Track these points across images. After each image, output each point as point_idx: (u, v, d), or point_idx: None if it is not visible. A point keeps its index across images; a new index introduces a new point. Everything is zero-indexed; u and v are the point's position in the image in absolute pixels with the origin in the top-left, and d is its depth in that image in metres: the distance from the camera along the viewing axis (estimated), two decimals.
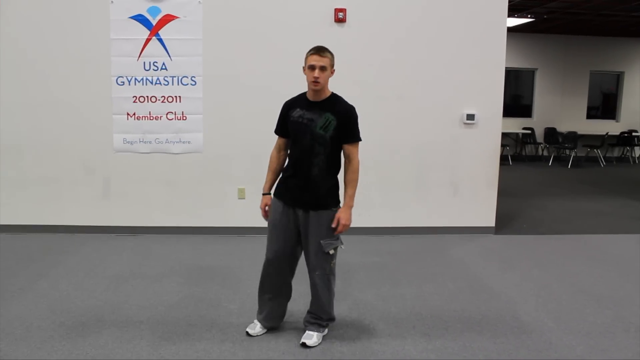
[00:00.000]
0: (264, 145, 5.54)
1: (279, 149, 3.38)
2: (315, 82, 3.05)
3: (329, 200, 3.16)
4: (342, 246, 3.23)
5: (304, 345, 3.22)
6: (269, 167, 3.38)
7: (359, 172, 3.17)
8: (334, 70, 3.17)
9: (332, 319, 3.38)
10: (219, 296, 4.02)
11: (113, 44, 5.44)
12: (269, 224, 3.31)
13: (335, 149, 3.15)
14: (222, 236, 5.67)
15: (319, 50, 3.09)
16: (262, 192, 3.38)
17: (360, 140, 3.20)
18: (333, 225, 3.10)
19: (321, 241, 3.13)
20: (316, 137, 3.10)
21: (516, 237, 5.95)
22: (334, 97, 3.21)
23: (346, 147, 3.15)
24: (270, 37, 5.51)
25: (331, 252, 3.16)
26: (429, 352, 3.19)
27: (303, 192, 3.16)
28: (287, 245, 3.24)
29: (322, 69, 3.06)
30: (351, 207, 3.13)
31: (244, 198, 5.69)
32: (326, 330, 3.37)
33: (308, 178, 3.14)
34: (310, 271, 3.24)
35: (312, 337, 3.26)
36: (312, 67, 3.05)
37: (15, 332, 3.34)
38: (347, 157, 3.17)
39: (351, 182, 3.14)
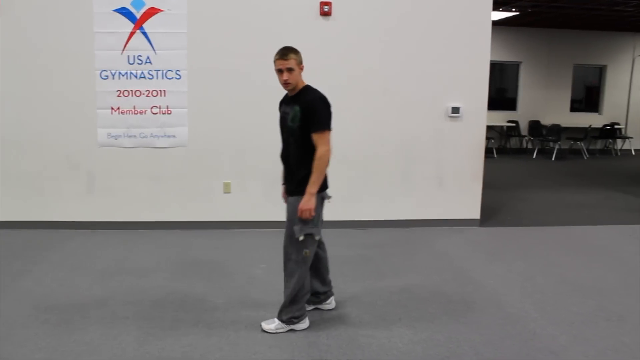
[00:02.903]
0: (249, 139, 5.57)
1: None
2: (285, 84, 3.20)
3: (303, 187, 3.19)
4: (316, 237, 3.25)
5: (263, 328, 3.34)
6: None
7: (329, 160, 3.19)
8: (302, 66, 3.25)
9: (291, 317, 3.33)
10: (205, 291, 4.01)
11: (96, 37, 5.38)
12: None
13: (306, 140, 3.18)
14: (208, 230, 5.65)
15: (283, 55, 3.16)
16: None
17: (326, 129, 3.17)
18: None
19: (294, 227, 3.20)
20: (288, 130, 3.25)
21: (501, 229, 6.00)
22: (305, 89, 3.27)
23: (312, 136, 3.17)
24: (255, 32, 5.48)
25: (301, 238, 3.19)
26: (415, 344, 3.21)
27: (287, 180, 3.36)
28: None
29: (289, 70, 3.16)
30: (311, 193, 3.14)
31: (229, 192, 5.68)
32: (300, 325, 3.36)
33: (288, 167, 3.33)
34: (284, 256, 3.32)
35: (270, 323, 3.35)
36: (279, 71, 3.18)
37: None
38: (315, 146, 3.18)
39: (314, 169, 3.15)
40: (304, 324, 3.38)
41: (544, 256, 5.01)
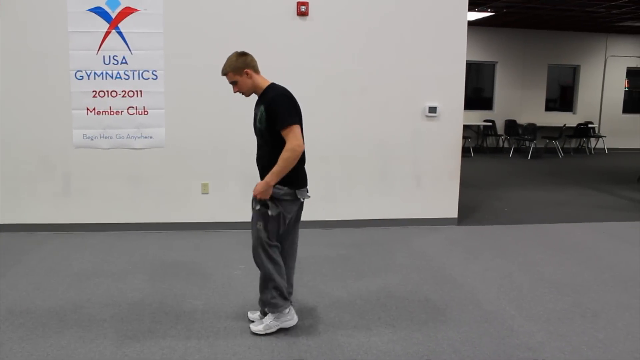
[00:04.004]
0: (227, 139, 5.55)
1: None
2: (241, 94, 3.27)
3: (276, 190, 3.14)
4: (270, 212, 3.14)
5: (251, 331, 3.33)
6: None
7: (298, 155, 3.06)
8: (247, 71, 3.16)
9: (272, 306, 3.29)
10: (184, 292, 3.98)
11: (71, 37, 5.30)
12: None
13: (276, 139, 3.10)
14: (186, 231, 5.62)
15: (221, 71, 3.23)
16: None
17: (293, 124, 3.05)
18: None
19: (252, 201, 3.20)
20: (257, 131, 3.22)
21: (478, 228, 6.06)
22: (268, 88, 3.22)
23: (281, 133, 3.07)
24: (233, 31, 5.46)
25: (257, 207, 3.15)
26: (395, 343, 3.23)
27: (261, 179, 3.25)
28: None
29: (233, 84, 3.22)
30: (269, 183, 3.05)
31: (207, 193, 5.65)
32: (288, 322, 3.34)
33: (259, 169, 3.26)
34: (254, 259, 3.30)
35: (258, 324, 3.33)
36: None
37: None
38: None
39: (279, 159, 3.04)
40: (292, 321, 3.35)
41: (521, 254, 5.08)
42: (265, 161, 3.19)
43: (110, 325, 3.42)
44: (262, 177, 3.20)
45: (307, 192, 3.29)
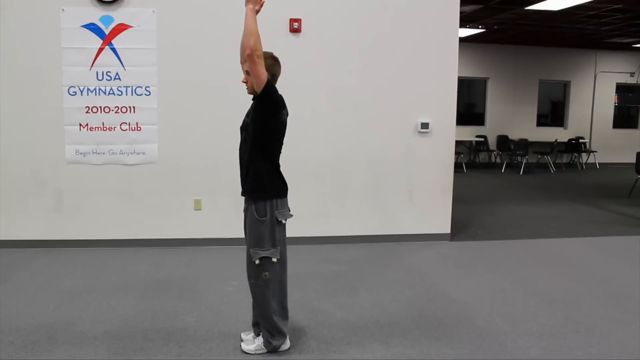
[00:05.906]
0: (219, 155, 5.55)
1: None
2: (245, 83, 3.18)
3: (256, 187, 3.11)
4: (273, 259, 3.12)
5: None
6: None
7: (251, 33, 3.23)
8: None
9: (279, 331, 3.24)
10: (176, 309, 3.95)
11: (64, 53, 5.32)
12: None
13: (257, 135, 3.08)
14: (179, 248, 5.59)
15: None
16: None
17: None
18: None
19: (250, 249, 3.13)
20: (243, 126, 3.21)
21: (471, 243, 6.07)
22: None
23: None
24: (226, 47, 5.48)
25: (257, 262, 3.10)
26: None
27: (241, 179, 3.21)
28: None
29: (247, 73, 3.15)
30: None
31: (200, 209, 5.64)
32: (281, 344, 3.26)
33: (242, 164, 3.19)
34: (247, 277, 3.23)
35: (250, 344, 3.29)
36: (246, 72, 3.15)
37: None
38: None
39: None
40: (285, 344, 3.29)
41: (514, 269, 5.08)
42: (245, 156, 3.14)
43: (101, 342, 3.39)
44: (241, 172, 3.18)
45: (289, 210, 3.24)
